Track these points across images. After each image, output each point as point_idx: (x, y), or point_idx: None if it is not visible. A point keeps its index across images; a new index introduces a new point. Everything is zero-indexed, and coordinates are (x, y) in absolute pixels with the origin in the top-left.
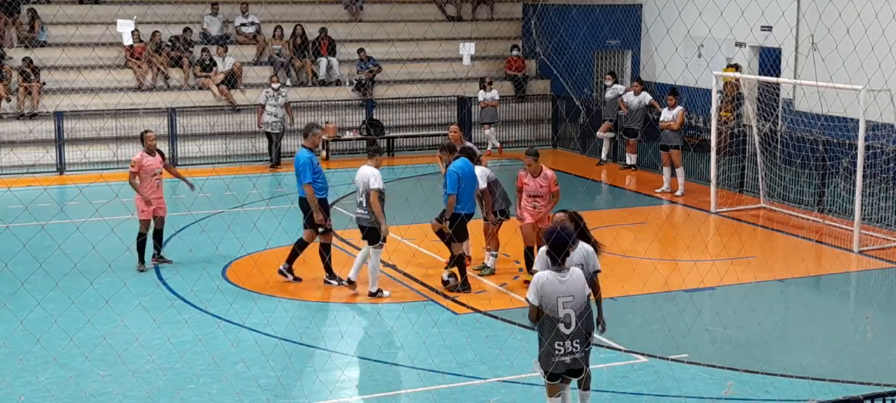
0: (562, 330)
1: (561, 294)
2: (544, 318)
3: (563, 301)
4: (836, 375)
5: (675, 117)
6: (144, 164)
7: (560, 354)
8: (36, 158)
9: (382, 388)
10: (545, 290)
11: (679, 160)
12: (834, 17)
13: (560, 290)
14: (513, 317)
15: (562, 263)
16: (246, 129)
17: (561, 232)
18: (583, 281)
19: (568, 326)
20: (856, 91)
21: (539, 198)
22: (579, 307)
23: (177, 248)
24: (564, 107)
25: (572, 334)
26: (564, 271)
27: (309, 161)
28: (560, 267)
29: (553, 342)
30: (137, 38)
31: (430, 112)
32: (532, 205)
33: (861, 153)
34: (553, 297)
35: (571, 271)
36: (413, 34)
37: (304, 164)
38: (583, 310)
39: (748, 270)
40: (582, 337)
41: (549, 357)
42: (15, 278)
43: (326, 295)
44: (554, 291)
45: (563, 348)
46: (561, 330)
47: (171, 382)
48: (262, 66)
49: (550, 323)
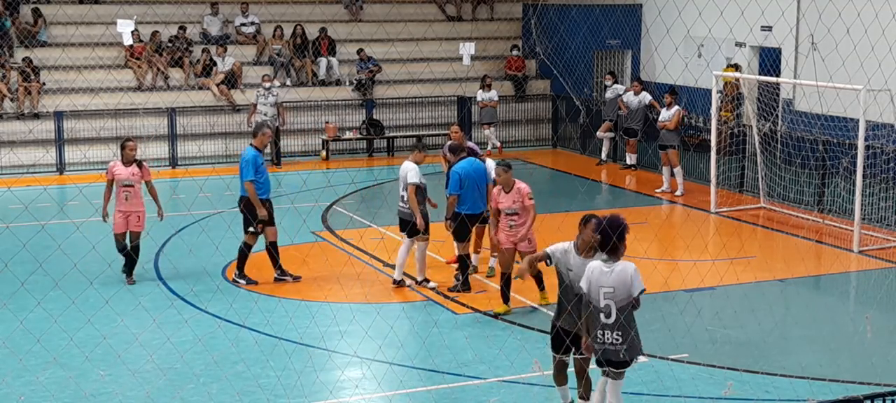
0: (603, 320)
1: (603, 284)
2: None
3: (605, 291)
4: (836, 375)
5: (671, 117)
6: (115, 172)
7: (599, 343)
8: (36, 158)
9: (382, 388)
10: (590, 278)
11: (676, 160)
12: (834, 17)
13: (603, 281)
14: (513, 317)
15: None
16: (246, 129)
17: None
18: (628, 278)
19: (608, 317)
20: (856, 91)
21: (514, 216)
22: (621, 301)
23: (177, 248)
24: (564, 107)
25: (612, 325)
26: (611, 262)
27: (252, 159)
28: (609, 258)
29: (597, 330)
30: (137, 38)
31: (430, 112)
32: (508, 225)
33: (861, 153)
34: (596, 286)
35: (617, 265)
36: (413, 34)
37: (247, 162)
38: (624, 306)
39: (748, 270)
40: (624, 332)
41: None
42: (15, 278)
43: (327, 296)
44: (597, 281)
45: (601, 337)
46: (602, 320)
47: (171, 382)
48: (262, 66)
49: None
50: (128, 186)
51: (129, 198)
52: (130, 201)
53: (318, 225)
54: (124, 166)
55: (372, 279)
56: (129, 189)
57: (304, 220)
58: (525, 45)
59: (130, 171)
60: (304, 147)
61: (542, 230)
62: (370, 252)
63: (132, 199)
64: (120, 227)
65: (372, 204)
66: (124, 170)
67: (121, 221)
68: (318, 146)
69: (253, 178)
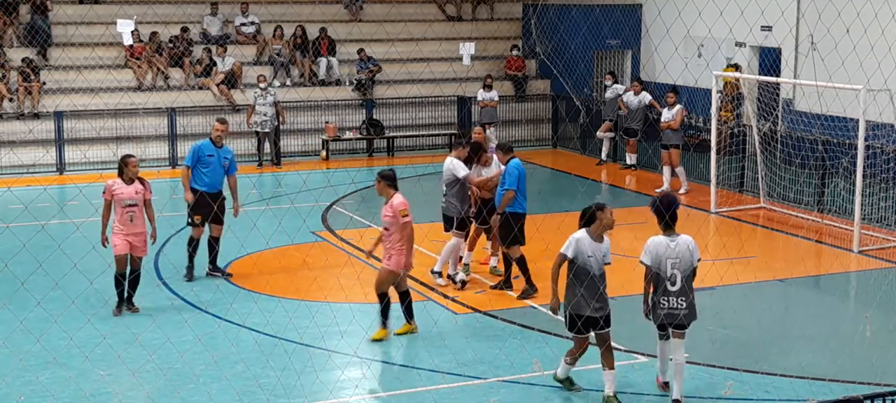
0: (668, 288)
1: (670, 256)
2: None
3: (671, 262)
4: (836, 375)
5: (675, 116)
6: (115, 191)
7: (664, 308)
8: (36, 158)
9: (382, 388)
10: (657, 252)
11: (678, 159)
12: (834, 17)
13: (668, 253)
14: (512, 317)
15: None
16: (245, 129)
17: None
18: (689, 249)
19: (673, 285)
20: (855, 91)
21: (386, 231)
22: (686, 270)
23: (177, 248)
24: (564, 107)
25: (678, 292)
26: (674, 236)
27: (195, 149)
28: (670, 233)
29: (660, 297)
30: (137, 38)
31: (429, 112)
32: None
33: (861, 153)
34: (664, 259)
35: (679, 237)
36: (413, 34)
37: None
38: (688, 274)
39: (748, 270)
40: (686, 296)
41: (656, 308)
42: (15, 278)
43: (326, 296)
44: (664, 254)
45: (667, 303)
46: (668, 288)
47: (171, 382)
48: (261, 66)
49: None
50: (131, 206)
51: (133, 218)
52: (136, 222)
53: (318, 225)
54: (126, 185)
55: (372, 279)
56: (132, 209)
57: (304, 220)
58: (525, 45)
59: (133, 190)
60: (304, 147)
61: (543, 229)
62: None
63: (137, 220)
64: (122, 249)
65: (372, 204)
66: (126, 188)
67: (123, 244)
68: (318, 146)
69: (191, 165)
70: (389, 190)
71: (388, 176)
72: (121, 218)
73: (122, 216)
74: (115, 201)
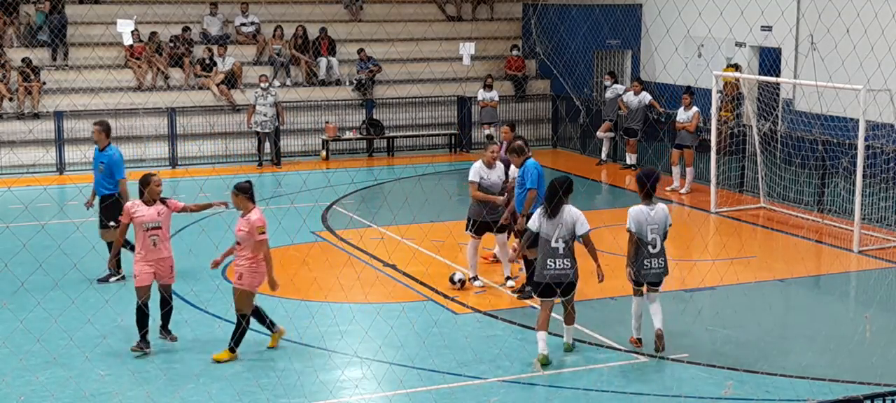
0: (650, 251)
1: (650, 223)
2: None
3: (651, 228)
4: (836, 375)
5: (691, 118)
6: (136, 215)
7: (647, 268)
8: (36, 158)
9: (382, 388)
10: (639, 220)
11: (691, 160)
12: (834, 17)
13: (649, 220)
14: (512, 317)
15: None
16: (245, 129)
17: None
18: (665, 214)
19: (654, 248)
20: (855, 91)
21: (238, 245)
22: (663, 234)
23: (177, 248)
24: (564, 107)
25: (658, 254)
26: (652, 205)
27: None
28: (649, 202)
29: (643, 259)
30: (137, 38)
31: (430, 112)
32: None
33: (861, 153)
34: (645, 225)
35: (657, 205)
36: (413, 34)
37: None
38: (664, 237)
39: (748, 270)
40: (663, 256)
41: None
42: (15, 278)
43: (326, 296)
44: (645, 221)
45: (649, 264)
46: (649, 251)
47: (171, 382)
48: (261, 66)
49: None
50: (154, 229)
51: (157, 243)
52: (159, 247)
53: (318, 225)
54: (147, 206)
55: (372, 279)
56: (156, 232)
57: (304, 220)
58: (525, 45)
59: (156, 211)
60: (304, 147)
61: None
62: (370, 252)
63: (161, 244)
64: (146, 279)
65: (372, 204)
66: (148, 210)
67: (146, 273)
68: (318, 146)
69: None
70: (248, 203)
71: (245, 188)
72: (143, 244)
73: (144, 241)
74: (136, 225)
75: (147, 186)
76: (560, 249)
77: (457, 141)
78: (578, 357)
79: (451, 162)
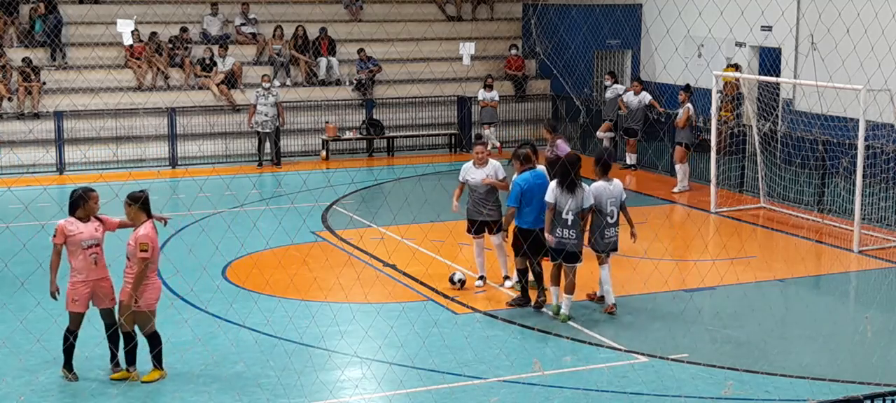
0: (608, 221)
1: (610, 196)
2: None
3: (610, 200)
4: (836, 375)
5: (681, 115)
6: (70, 233)
7: (607, 237)
8: (36, 158)
9: (382, 388)
10: (599, 194)
11: (679, 157)
12: (834, 17)
13: (609, 194)
14: (512, 317)
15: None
16: (246, 129)
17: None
18: (620, 188)
19: (612, 218)
20: (856, 91)
21: (128, 260)
22: (619, 205)
23: (177, 248)
24: (564, 107)
25: (614, 223)
26: (610, 181)
27: None
28: (606, 178)
29: (603, 229)
30: (137, 38)
31: (430, 112)
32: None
33: (861, 153)
34: (605, 198)
35: (613, 181)
36: (413, 34)
37: None
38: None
39: (748, 270)
40: (618, 226)
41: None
42: (15, 278)
43: (326, 296)
44: (605, 194)
45: (608, 233)
46: (607, 221)
47: (171, 382)
48: (262, 66)
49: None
50: (93, 247)
51: (97, 261)
52: (100, 265)
53: (318, 225)
54: (82, 223)
55: (372, 279)
56: (95, 250)
57: (304, 220)
58: (525, 45)
59: (94, 227)
60: (304, 147)
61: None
62: (370, 252)
63: (101, 262)
64: (82, 305)
65: (372, 204)
66: (86, 227)
67: (85, 295)
68: (318, 146)
69: None
70: (141, 215)
71: (138, 197)
72: (83, 264)
73: (83, 259)
74: (72, 245)
75: (86, 202)
76: (569, 221)
77: (457, 141)
78: (578, 358)
79: (451, 162)
